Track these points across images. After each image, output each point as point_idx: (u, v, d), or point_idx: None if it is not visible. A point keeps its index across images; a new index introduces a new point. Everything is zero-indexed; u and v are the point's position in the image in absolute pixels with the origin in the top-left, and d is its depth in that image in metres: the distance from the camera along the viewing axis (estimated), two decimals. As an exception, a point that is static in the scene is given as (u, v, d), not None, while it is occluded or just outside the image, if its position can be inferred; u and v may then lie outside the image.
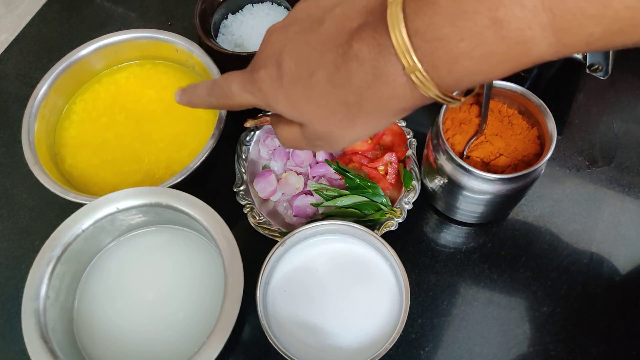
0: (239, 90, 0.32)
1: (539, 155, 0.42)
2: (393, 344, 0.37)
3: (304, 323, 0.40)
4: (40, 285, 0.39)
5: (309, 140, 0.31)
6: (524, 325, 0.44)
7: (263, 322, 0.39)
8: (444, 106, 0.42)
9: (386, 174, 0.49)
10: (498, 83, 0.43)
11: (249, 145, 0.52)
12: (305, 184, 0.49)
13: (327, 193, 0.47)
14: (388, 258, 0.41)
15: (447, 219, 0.49)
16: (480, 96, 0.45)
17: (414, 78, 0.24)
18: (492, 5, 0.21)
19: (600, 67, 0.47)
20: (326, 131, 0.29)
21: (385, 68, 0.25)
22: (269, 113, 0.53)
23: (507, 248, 0.48)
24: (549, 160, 0.40)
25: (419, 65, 0.23)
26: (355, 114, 0.27)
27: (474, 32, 0.22)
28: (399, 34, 0.23)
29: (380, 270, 0.42)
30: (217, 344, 0.36)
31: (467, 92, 0.30)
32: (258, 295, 0.40)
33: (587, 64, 0.47)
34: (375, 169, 0.49)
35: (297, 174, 0.50)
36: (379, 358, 0.37)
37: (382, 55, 0.24)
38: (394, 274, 0.41)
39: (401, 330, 0.38)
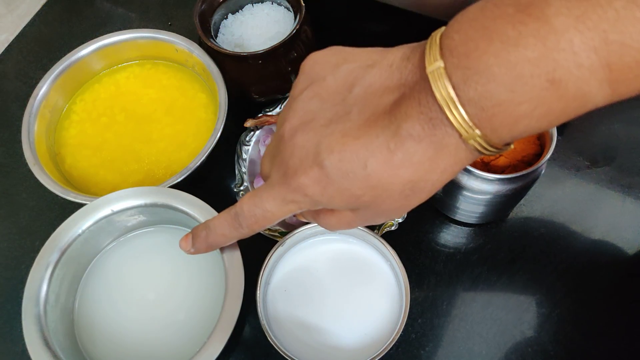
0: (278, 206, 0.30)
1: (539, 155, 0.42)
2: (393, 343, 0.37)
3: (304, 323, 0.40)
4: (39, 289, 0.39)
5: (367, 219, 0.30)
6: (522, 325, 0.44)
7: (263, 322, 0.39)
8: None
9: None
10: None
11: (249, 145, 0.52)
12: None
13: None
14: (388, 258, 0.41)
15: (447, 219, 0.49)
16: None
17: (472, 143, 0.24)
18: (549, 67, 0.21)
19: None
20: (393, 208, 0.28)
21: (444, 140, 0.24)
22: (270, 113, 0.53)
23: (506, 249, 0.48)
24: (549, 160, 0.40)
25: (478, 132, 0.23)
26: (421, 187, 0.26)
27: (533, 95, 0.21)
28: (453, 107, 0.23)
29: (380, 270, 0.42)
30: (219, 343, 0.36)
31: None
32: (258, 295, 0.40)
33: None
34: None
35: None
36: (379, 358, 0.37)
37: (438, 128, 0.24)
38: (394, 274, 0.41)
39: (401, 330, 0.38)
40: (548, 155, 0.40)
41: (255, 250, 0.42)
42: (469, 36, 0.22)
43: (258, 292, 0.40)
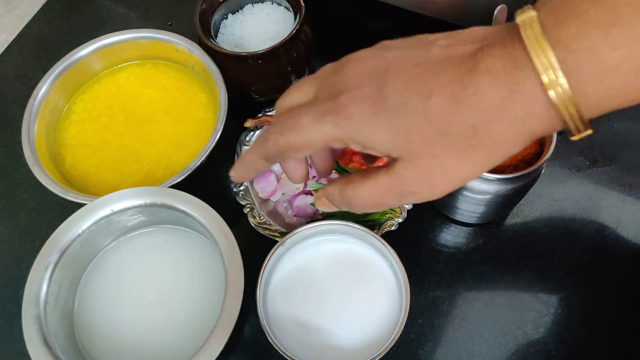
0: (312, 122, 0.25)
1: (539, 155, 0.42)
2: (393, 343, 0.37)
3: (303, 323, 0.40)
4: (39, 289, 0.39)
5: (402, 189, 0.26)
6: (525, 326, 0.44)
7: (263, 322, 0.39)
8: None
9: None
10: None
11: (249, 145, 0.52)
12: (305, 184, 0.49)
13: (327, 193, 0.47)
14: (388, 258, 0.41)
15: (448, 219, 0.49)
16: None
17: (552, 95, 0.21)
18: None
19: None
20: (435, 167, 0.24)
21: (523, 83, 0.22)
22: (270, 113, 0.53)
23: (507, 248, 0.48)
24: (549, 160, 0.40)
25: (563, 80, 0.21)
26: (480, 140, 0.23)
27: (631, 39, 0.20)
28: (540, 47, 0.21)
29: (380, 270, 0.42)
30: (219, 343, 0.36)
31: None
32: (258, 295, 0.40)
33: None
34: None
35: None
36: (379, 358, 0.37)
37: (519, 69, 0.22)
38: (394, 274, 0.41)
39: (401, 330, 0.38)
40: (548, 155, 0.40)
41: (255, 250, 0.42)
42: None
43: (258, 292, 0.40)
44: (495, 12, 0.37)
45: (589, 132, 0.24)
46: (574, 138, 0.24)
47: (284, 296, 0.42)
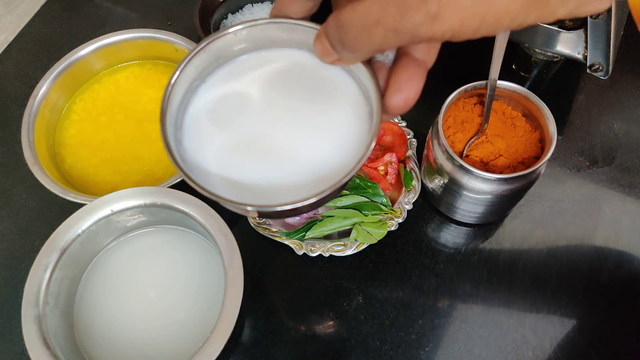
0: None
1: (539, 158, 0.42)
2: (355, 171, 0.25)
3: (237, 154, 0.28)
4: (39, 290, 0.39)
5: None
6: (523, 329, 0.44)
7: (170, 143, 0.26)
8: (444, 105, 0.42)
9: (386, 174, 0.49)
10: (501, 83, 0.43)
11: (249, 145, 0.52)
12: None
13: (327, 193, 0.47)
14: (356, 74, 0.28)
15: (448, 219, 0.49)
16: (484, 97, 0.45)
17: None
18: None
19: (600, 67, 0.47)
20: None
21: None
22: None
23: (507, 249, 0.48)
24: (549, 160, 0.40)
25: None
26: None
27: None
28: None
29: (345, 88, 0.29)
30: (218, 343, 0.36)
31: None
32: (166, 122, 0.26)
33: (588, 64, 0.47)
34: (375, 169, 0.49)
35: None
36: (338, 186, 0.26)
37: None
38: (363, 92, 0.28)
39: (366, 157, 0.25)
40: (546, 158, 0.40)
41: (256, 251, 0.42)
42: None
43: (165, 100, 0.26)
44: None
45: None
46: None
47: (211, 121, 0.29)
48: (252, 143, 0.28)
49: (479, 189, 0.41)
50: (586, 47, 0.47)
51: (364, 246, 0.46)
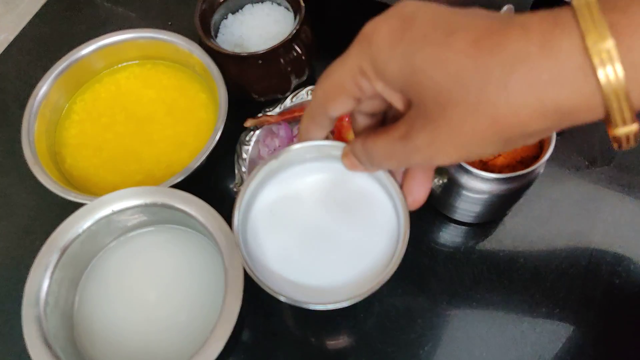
0: (340, 61, 0.25)
1: (537, 157, 0.42)
2: (383, 283, 0.32)
3: (289, 257, 0.34)
4: (39, 290, 0.39)
5: (411, 139, 0.24)
6: (522, 326, 0.44)
7: (241, 247, 0.32)
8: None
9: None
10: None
11: (249, 145, 0.52)
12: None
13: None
14: (389, 190, 0.34)
15: (447, 219, 0.49)
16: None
17: (596, 60, 0.18)
18: None
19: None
20: (438, 119, 0.22)
21: (559, 41, 0.19)
22: (270, 113, 0.53)
23: (506, 248, 0.48)
24: (548, 159, 0.40)
25: (611, 43, 0.18)
26: (492, 94, 0.20)
27: None
28: (587, 7, 0.18)
29: (379, 203, 0.35)
30: (218, 343, 0.36)
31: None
32: (236, 216, 0.33)
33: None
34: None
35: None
36: (369, 294, 0.32)
37: (559, 27, 0.19)
38: (394, 209, 0.35)
39: (394, 269, 0.32)
40: (545, 158, 0.40)
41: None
42: None
43: (237, 210, 0.33)
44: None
45: (636, 128, 0.20)
46: (617, 133, 0.20)
47: (268, 225, 0.35)
48: (303, 245, 0.34)
49: (478, 189, 0.41)
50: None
51: (364, 246, 0.46)
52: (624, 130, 0.20)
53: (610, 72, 0.18)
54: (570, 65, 0.19)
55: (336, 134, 0.49)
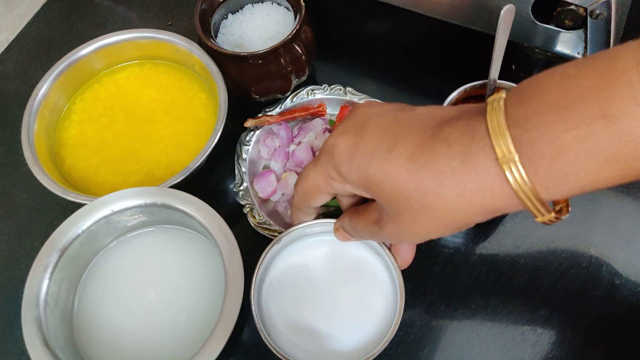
0: (312, 166, 0.31)
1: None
2: (387, 344, 0.37)
3: (297, 323, 0.40)
4: (39, 290, 0.39)
5: (382, 227, 0.29)
6: (522, 327, 0.44)
7: (257, 319, 0.38)
8: (444, 105, 0.42)
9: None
10: (501, 83, 0.43)
11: (249, 145, 0.52)
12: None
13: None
14: (383, 257, 0.41)
15: (447, 220, 0.49)
16: (483, 97, 0.45)
17: (507, 171, 0.22)
18: (602, 99, 0.20)
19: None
20: (396, 217, 0.27)
21: (476, 156, 0.23)
22: (270, 113, 0.53)
23: (506, 248, 0.48)
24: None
25: (515, 156, 0.22)
26: (431, 202, 0.25)
27: (581, 122, 0.20)
28: (496, 121, 0.22)
29: (375, 270, 0.41)
30: (218, 344, 0.36)
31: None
32: (253, 292, 0.39)
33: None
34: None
35: (297, 174, 0.50)
36: (373, 358, 0.37)
37: (475, 141, 0.23)
38: (389, 274, 0.41)
39: (395, 330, 0.37)
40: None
41: (255, 251, 0.42)
42: (526, 84, 0.23)
43: (253, 289, 0.39)
44: (502, 12, 0.36)
45: (552, 216, 0.24)
46: (539, 220, 0.25)
47: (278, 294, 0.41)
48: (306, 324, 0.40)
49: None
50: (586, 47, 0.47)
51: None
52: (543, 219, 0.24)
53: (520, 179, 0.22)
54: (487, 176, 0.23)
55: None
